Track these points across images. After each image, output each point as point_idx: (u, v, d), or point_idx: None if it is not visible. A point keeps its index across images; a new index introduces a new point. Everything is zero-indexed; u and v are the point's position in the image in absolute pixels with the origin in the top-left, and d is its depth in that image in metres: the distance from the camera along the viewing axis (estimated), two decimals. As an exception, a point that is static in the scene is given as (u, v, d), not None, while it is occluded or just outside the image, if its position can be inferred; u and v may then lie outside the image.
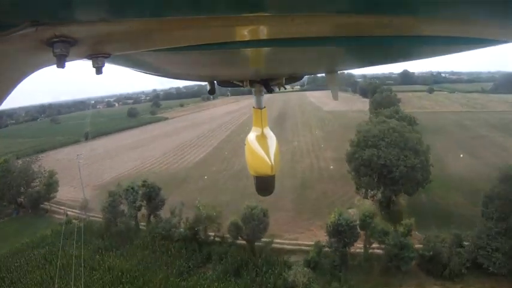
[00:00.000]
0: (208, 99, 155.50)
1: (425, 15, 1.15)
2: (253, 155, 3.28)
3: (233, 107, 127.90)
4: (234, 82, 3.38)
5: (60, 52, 1.00)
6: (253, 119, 3.63)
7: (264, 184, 3.61)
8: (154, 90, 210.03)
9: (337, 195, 41.97)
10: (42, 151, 76.10)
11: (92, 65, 1.25)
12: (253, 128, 3.60)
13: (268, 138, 3.43)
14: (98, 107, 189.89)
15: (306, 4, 0.98)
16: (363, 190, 36.28)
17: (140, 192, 36.07)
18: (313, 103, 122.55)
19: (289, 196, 41.22)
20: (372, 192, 36.29)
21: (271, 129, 3.62)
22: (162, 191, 37.22)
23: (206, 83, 3.28)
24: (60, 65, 1.03)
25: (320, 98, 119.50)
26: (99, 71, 1.24)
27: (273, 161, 3.05)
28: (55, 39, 0.99)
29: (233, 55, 1.77)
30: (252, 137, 3.47)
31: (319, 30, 1.27)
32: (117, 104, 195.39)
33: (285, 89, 3.51)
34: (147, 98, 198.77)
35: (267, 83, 3.24)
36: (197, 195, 39.41)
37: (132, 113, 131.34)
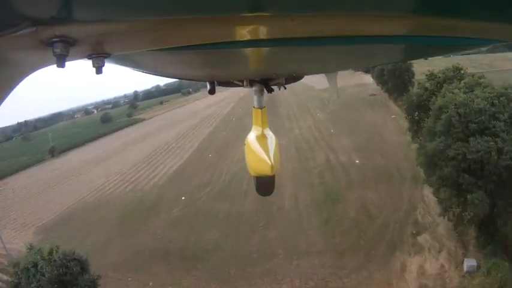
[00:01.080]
0: (189, 93, 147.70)
1: (424, 15, 1.16)
2: (253, 155, 3.29)
3: (215, 98, 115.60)
4: (234, 82, 3.46)
5: (60, 52, 1.00)
6: (253, 118, 3.65)
7: (264, 184, 3.66)
8: (135, 92, 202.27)
9: (388, 210, 26.58)
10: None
11: (92, 65, 1.25)
12: (253, 128, 3.63)
13: (268, 138, 3.44)
14: (76, 116, 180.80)
15: (306, 4, 0.98)
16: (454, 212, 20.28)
17: (47, 273, 19.46)
18: (302, 82, 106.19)
19: (314, 222, 26.94)
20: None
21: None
22: (90, 266, 21.13)
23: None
24: (60, 65, 1.03)
25: (309, 77, 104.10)
26: (99, 71, 1.25)
27: (273, 161, 3.04)
28: (55, 39, 0.99)
29: (233, 55, 1.79)
30: (252, 137, 3.51)
31: (319, 30, 1.29)
32: (95, 111, 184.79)
33: (285, 88, 3.53)
34: (127, 100, 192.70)
35: (267, 83, 3.30)
36: (170, 238, 27.17)
37: (105, 118, 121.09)
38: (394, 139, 39.58)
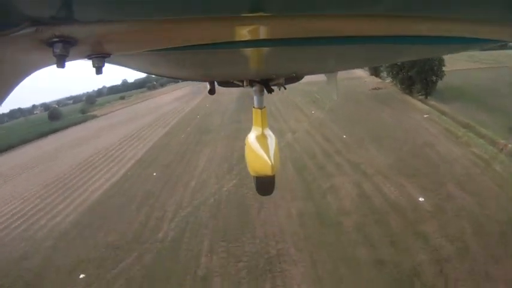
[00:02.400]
0: (155, 87, 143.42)
1: (424, 15, 1.16)
2: (253, 155, 3.30)
3: (180, 93, 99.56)
4: (234, 82, 3.48)
5: (60, 52, 1.00)
6: (253, 118, 3.68)
7: (264, 184, 3.67)
8: (104, 87, 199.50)
9: None
10: None
11: (92, 65, 1.24)
12: (253, 128, 3.64)
13: (268, 138, 3.47)
14: (35, 112, 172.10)
15: (306, 4, 0.99)
16: None
17: None
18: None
19: None
20: None
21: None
22: None
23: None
24: (60, 65, 1.03)
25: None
26: (99, 70, 1.24)
27: (273, 160, 3.08)
28: (55, 39, 0.99)
29: (233, 55, 1.78)
30: (252, 137, 3.51)
31: (319, 30, 1.28)
32: (57, 107, 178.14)
33: (285, 88, 3.54)
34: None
35: (267, 83, 3.34)
36: None
37: (53, 115, 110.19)
38: (457, 153, 23.11)
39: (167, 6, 0.91)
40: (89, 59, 1.23)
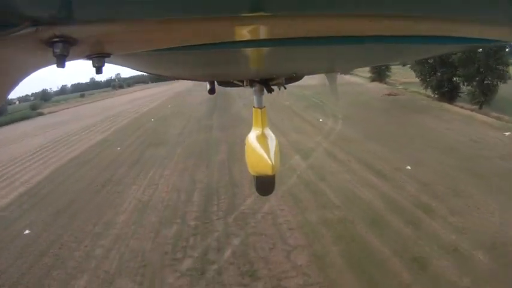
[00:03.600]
0: (122, 87, 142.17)
1: (424, 15, 1.14)
2: (254, 155, 3.23)
3: (141, 93, 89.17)
4: (234, 82, 3.46)
5: (60, 52, 0.99)
6: (253, 118, 3.63)
7: (264, 184, 3.59)
8: (65, 85, 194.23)
9: None
10: None
11: (92, 65, 1.23)
12: (253, 128, 3.59)
13: (268, 138, 3.41)
14: None
15: (306, 4, 0.97)
16: None
17: None
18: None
19: None
20: None
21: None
22: None
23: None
24: (60, 65, 1.02)
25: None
26: (99, 70, 1.23)
27: (273, 160, 3.01)
28: (55, 39, 0.98)
29: (233, 55, 1.75)
30: (252, 136, 3.45)
31: (319, 30, 1.26)
32: (17, 102, 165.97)
33: (285, 88, 3.50)
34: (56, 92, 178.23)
35: (267, 83, 3.28)
36: None
37: None
38: None
39: (167, 6, 0.90)
40: (89, 58, 1.21)
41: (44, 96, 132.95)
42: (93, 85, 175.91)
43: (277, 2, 0.97)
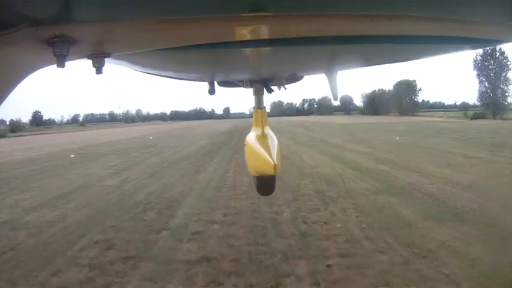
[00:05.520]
0: (134, 121, 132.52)
1: (425, 15, 1.13)
2: (255, 155, 3.15)
3: (145, 127, 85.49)
4: (234, 82, 3.44)
5: (60, 52, 0.98)
6: (253, 118, 3.59)
7: (265, 184, 3.44)
8: (93, 114, 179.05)
9: None
10: None
11: (92, 65, 1.22)
12: (253, 128, 3.53)
13: (269, 137, 3.32)
14: None
15: (306, 4, 0.97)
16: None
17: None
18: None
19: None
20: None
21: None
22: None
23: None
24: (60, 64, 1.01)
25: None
26: (99, 70, 1.22)
27: (275, 160, 2.90)
28: (55, 39, 0.97)
29: (233, 55, 1.76)
30: (252, 137, 3.37)
31: (319, 30, 1.25)
32: None
33: (285, 89, 3.45)
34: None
35: (267, 83, 3.27)
36: None
37: None
38: None
39: (167, 6, 0.90)
40: (89, 58, 1.20)
41: (34, 121, 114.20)
42: (111, 117, 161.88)
43: (277, 2, 0.96)
